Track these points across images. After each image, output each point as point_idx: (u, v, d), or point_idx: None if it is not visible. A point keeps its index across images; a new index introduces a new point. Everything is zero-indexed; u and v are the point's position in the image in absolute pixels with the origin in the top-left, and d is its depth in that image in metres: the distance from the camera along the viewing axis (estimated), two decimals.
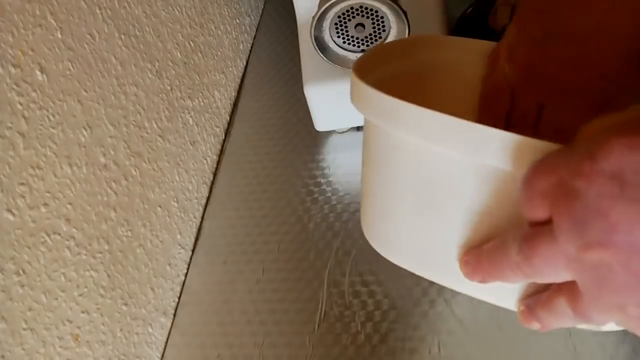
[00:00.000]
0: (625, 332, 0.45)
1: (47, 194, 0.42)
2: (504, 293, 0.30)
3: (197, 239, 0.64)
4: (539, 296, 0.28)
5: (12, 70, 0.39)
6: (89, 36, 0.47)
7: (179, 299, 0.59)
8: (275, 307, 0.55)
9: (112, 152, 0.50)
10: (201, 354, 0.54)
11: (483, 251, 0.29)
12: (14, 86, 0.39)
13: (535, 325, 0.28)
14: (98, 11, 0.49)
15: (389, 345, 0.50)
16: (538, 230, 0.24)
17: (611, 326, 0.26)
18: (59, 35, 0.44)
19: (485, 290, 0.31)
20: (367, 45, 0.59)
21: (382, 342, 0.50)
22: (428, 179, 0.31)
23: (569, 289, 0.25)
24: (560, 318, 0.26)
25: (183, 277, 0.61)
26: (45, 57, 0.42)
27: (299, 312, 0.54)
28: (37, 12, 0.41)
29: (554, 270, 0.24)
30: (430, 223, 0.33)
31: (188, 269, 0.61)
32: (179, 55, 0.63)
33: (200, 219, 0.65)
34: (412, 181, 0.32)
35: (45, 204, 0.41)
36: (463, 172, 0.29)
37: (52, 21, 0.43)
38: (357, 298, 0.53)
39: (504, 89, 0.35)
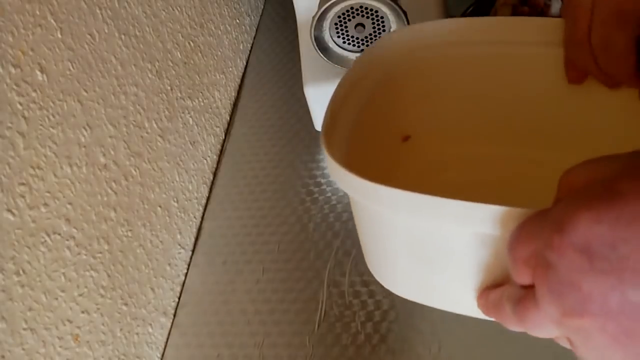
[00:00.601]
0: None
1: (47, 194, 0.42)
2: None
3: (197, 239, 0.64)
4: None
5: (12, 70, 0.39)
6: (89, 36, 0.47)
7: (179, 299, 0.59)
8: (275, 307, 0.55)
9: (112, 152, 0.50)
10: (201, 354, 0.54)
11: (489, 301, 0.30)
12: (14, 86, 0.39)
13: None
14: (98, 11, 0.49)
15: (389, 345, 0.50)
16: (527, 294, 0.25)
17: None
18: (59, 35, 0.44)
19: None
20: (367, 45, 0.59)
21: (382, 342, 0.50)
22: (420, 245, 0.32)
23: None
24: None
25: (183, 277, 0.61)
26: (45, 57, 0.42)
27: (299, 312, 0.54)
28: (37, 12, 0.41)
29: (545, 330, 0.25)
30: (432, 275, 0.34)
31: (188, 269, 0.61)
32: (179, 55, 0.63)
33: (200, 219, 0.65)
34: (404, 244, 0.33)
35: (45, 204, 0.41)
36: (455, 239, 0.30)
37: (52, 21, 0.43)
38: (357, 298, 0.53)
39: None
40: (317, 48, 0.58)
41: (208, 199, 0.67)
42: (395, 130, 0.46)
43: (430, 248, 0.32)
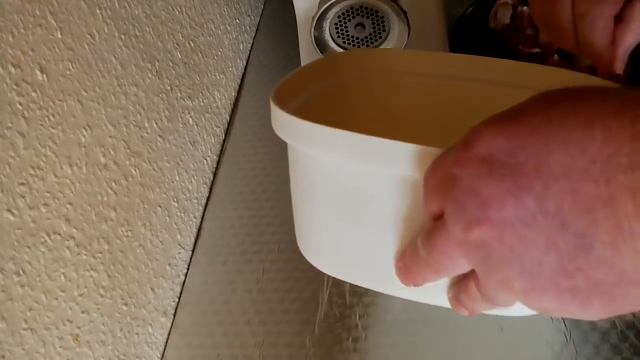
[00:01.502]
0: (622, 336, 0.45)
1: (47, 194, 0.42)
2: (435, 291, 0.31)
3: (197, 239, 0.64)
4: (461, 283, 0.29)
5: (12, 70, 0.39)
6: (89, 36, 0.47)
7: (179, 299, 0.59)
8: (275, 307, 0.55)
9: (112, 152, 0.50)
10: (201, 354, 0.54)
11: (406, 256, 0.30)
12: (14, 86, 0.39)
13: (463, 312, 0.29)
14: (98, 11, 0.49)
15: (389, 345, 0.50)
16: (435, 224, 0.26)
17: (521, 310, 0.27)
18: (59, 35, 0.44)
19: (418, 292, 0.31)
20: (367, 45, 0.59)
21: (382, 342, 0.50)
22: (346, 194, 0.33)
23: (473, 272, 0.26)
24: (475, 302, 0.27)
25: (183, 277, 0.61)
26: (45, 57, 0.42)
27: (299, 312, 0.54)
28: (37, 12, 0.41)
29: (450, 259, 0.26)
30: (357, 235, 0.34)
31: (188, 269, 0.61)
32: (179, 55, 0.63)
33: (200, 219, 0.65)
34: (331, 196, 0.34)
35: (45, 204, 0.41)
36: (377, 183, 0.31)
37: (52, 21, 0.43)
38: (357, 298, 0.53)
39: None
40: (317, 48, 0.58)
41: (208, 199, 0.67)
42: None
43: (355, 200, 0.32)
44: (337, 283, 0.55)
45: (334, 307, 0.54)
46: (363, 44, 0.59)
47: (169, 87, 0.60)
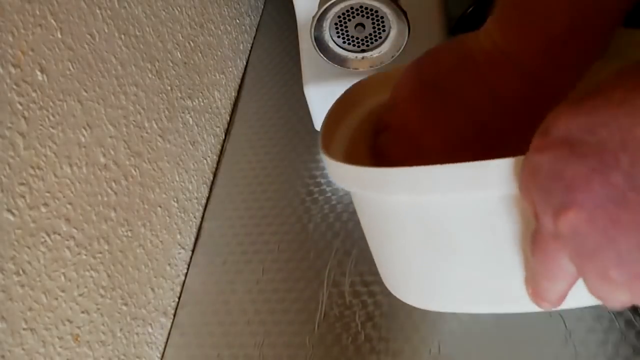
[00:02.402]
0: (624, 333, 0.45)
1: (47, 194, 0.42)
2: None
3: (197, 239, 0.64)
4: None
5: (12, 70, 0.39)
6: (89, 36, 0.47)
7: (179, 299, 0.59)
8: (275, 307, 0.55)
9: (112, 152, 0.50)
10: (201, 354, 0.54)
11: (527, 278, 0.28)
12: (14, 86, 0.39)
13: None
14: (98, 11, 0.49)
15: (389, 345, 0.50)
16: (535, 227, 0.24)
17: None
18: (59, 35, 0.44)
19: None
20: (367, 45, 0.59)
21: (382, 342, 0.50)
22: (433, 226, 0.30)
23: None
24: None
25: (183, 277, 0.61)
26: (45, 57, 0.42)
27: (299, 312, 0.54)
28: (37, 12, 0.41)
29: (553, 260, 0.24)
30: (449, 264, 0.31)
31: (188, 269, 0.61)
32: (179, 55, 0.63)
33: (200, 219, 0.65)
34: (418, 234, 0.31)
35: (45, 204, 0.41)
36: (468, 210, 0.28)
37: (52, 21, 0.43)
38: (357, 298, 0.53)
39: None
40: (317, 48, 0.58)
41: (208, 199, 0.67)
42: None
43: (445, 229, 0.30)
44: (337, 283, 0.55)
45: (334, 307, 0.54)
46: (363, 44, 0.59)
47: (169, 87, 0.60)
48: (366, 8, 0.56)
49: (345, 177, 0.30)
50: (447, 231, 0.30)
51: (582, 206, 0.21)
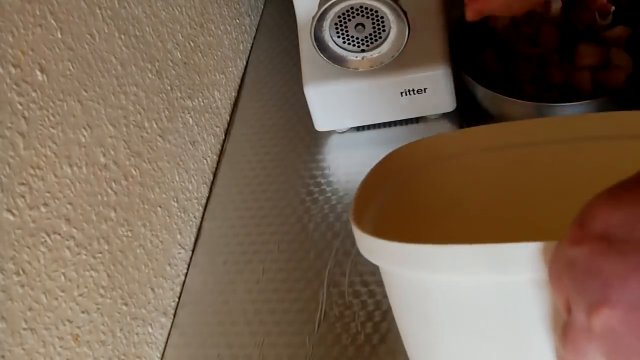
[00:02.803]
0: None
1: (47, 194, 0.42)
2: None
3: (197, 239, 0.64)
4: None
5: (12, 70, 0.39)
6: (89, 36, 0.47)
7: (179, 299, 0.59)
8: (275, 307, 0.55)
9: (112, 152, 0.50)
10: (201, 354, 0.54)
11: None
12: (14, 86, 0.39)
13: None
14: (98, 11, 0.49)
15: (389, 345, 0.50)
16: (566, 319, 0.24)
17: None
18: (59, 35, 0.44)
19: None
20: (367, 45, 0.59)
21: (382, 342, 0.50)
22: (465, 312, 0.30)
23: None
24: None
25: (183, 277, 0.61)
26: (45, 57, 0.42)
27: (299, 312, 0.54)
28: (37, 12, 0.41)
29: (584, 354, 0.23)
30: (488, 350, 0.31)
31: (188, 269, 0.61)
32: (179, 55, 0.63)
33: (200, 219, 0.65)
34: (448, 314, 0.30)
35: (45, 204, 0.41)
36: (498, 294, 0.28)
37: (52, 21, 0.43)
38: (357, 298, 0.53)
39: None
40: (317, 48, 0.58)
41: (208, 199, 0.67)
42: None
43: (474, 311, 0.29)
44: (337, 283, 0.55)
45: (334, 307, 0.54)
46: (363, 44, 0.59)
47: (169, 87, 0.60)
48: (366, 8, 0.56)
49: (376, 251, 0.30)
50: (475, 313, 0.30)
51: (618, 305, 0.20)
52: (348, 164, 0.66)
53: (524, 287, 0.26)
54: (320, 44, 0.58)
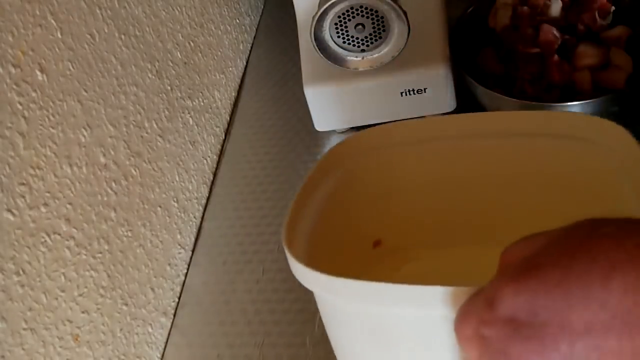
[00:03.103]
0: None
1: (47, 194, 0.42)
2: None
3: (197, 239, 0.64)
4: None
5: (12, 70, 0.39)
6: (89, 36, 0.47)
7: (179, 299, 0.59)
8: (275, 307, 0.55)
9: (112, 152, 0.50)
10: (201, 354, 0.54)
11: None
12: (14, 86, 0.39)
13: None
14: (98, 11, 0.49)
15: None
16: None
17: None
18: (59, 35, 0.44)
19: None
20: (367, 45, 0.59)
21: None
22: (382, 339, 0.34)
23: None
24: None
25: (183, 277, 0.61)
26: (45, 57, 0.42)
27: (299, 312, 0.54)
28: (37, 12, 0.41)
29: None
30: None
31: (188, 269, 0.61)
32: (179, 55, 0.63)
33: (200, 219, 0.65)
34: (366, 331, 0.34)
35: (45, 204, 0.41)
36: (406, 323, 0.32)
37: (52, 21, 0.43)
38: None
39: None
40: (317, 48, 0.58)
41: (208, 199, 0.67)
42: (364, 233, 0.48)
43: (385, 334, 0.34)
44: None
45: None
46: (363, 44, 0.59)
47: (169, 87, 0.60)
48: (366, 8, 0.56)
49: (306, 278, 0.33)
50: (391, 341, 0.34)
51: None
52: None
53: (438, 320, 0.29)
54: (320, 44, 0.58)
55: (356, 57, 0.60)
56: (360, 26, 0.57)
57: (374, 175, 0.46)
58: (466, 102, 0.63)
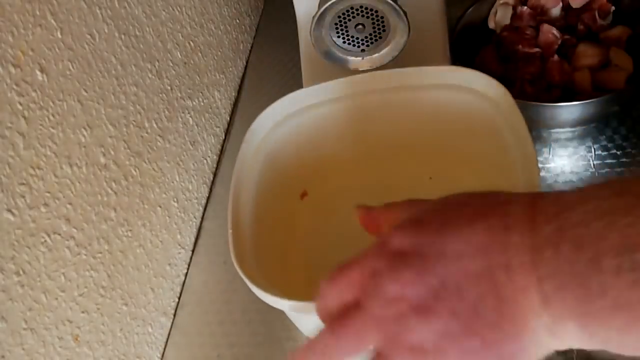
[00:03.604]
0: None
1: (47, 194, 0.42)
2: None
3: (197, 239, 0.64)
4: None
5: (12, 70, 0.39)
6: (89, 36, 0.47)
7: (179, 299, 0.59)
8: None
9: (112, 152, 0.50)
10: (201, 354, 0.54)
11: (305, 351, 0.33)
12: (14, 86, 0.39)
13: None
14: (98, 11, 0.49)
15: None
16: (347, 312, 0.30)
17: None
18: (59, 35, 0.44)
19: None
20: (367, 45, 0.59)
21: None
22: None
23: (379, 355, 0.30)
24: None
25: (183, 277, 0.61)
26: (45, 57, 0.42)
27: None
28: (37, 12, 0.41)
29: (362, 338, 0.30)
30: None
31: (188, 269, 0.61)
32: (179, 55, 0.63)
33: (200, 219, 0.65)
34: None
35: (45, 204, 0.41)
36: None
37: (52, 21, 0.43)
38: None
39: None
40: (317, 48, 0.58)
41: (208, 199, 0.67)
42: (293, 188, 0.57)
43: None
44: None
45: None
46: (363, 44, 0.59)
47: (169, 87, 0.60)
48: (366, 8, 0.56)
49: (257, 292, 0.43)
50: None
51: (410, 298, 0.28)
52: None
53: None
54: (320, 44, 0.58)
55: (356, 57, 0.60)
56: (360, 26, 0.57)
57: (294, 139, 0.56)
58: None
